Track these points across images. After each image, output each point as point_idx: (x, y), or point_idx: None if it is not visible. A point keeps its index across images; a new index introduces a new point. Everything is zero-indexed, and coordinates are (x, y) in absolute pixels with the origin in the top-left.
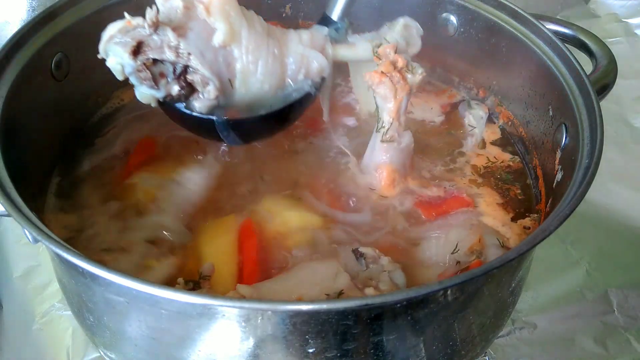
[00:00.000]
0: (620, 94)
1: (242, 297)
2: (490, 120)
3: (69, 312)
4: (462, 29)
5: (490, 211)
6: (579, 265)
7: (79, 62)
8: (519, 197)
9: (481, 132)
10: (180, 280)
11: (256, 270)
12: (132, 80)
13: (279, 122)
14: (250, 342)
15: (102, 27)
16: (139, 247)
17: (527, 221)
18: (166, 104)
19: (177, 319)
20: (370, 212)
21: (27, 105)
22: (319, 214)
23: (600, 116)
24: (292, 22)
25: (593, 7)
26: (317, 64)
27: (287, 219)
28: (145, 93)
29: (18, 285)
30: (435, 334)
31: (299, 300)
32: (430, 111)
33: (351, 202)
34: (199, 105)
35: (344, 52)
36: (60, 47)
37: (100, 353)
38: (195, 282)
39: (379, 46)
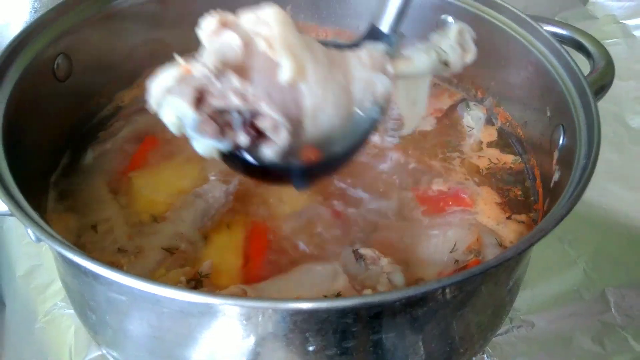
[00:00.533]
0: (617, 94)
1: (243, 294)
2: (488, 121)
3: (72, 311)
4: None
5: (488, 211)
6: (577, 264)
7: (81, 63)
8: (519, 198)
9: (479, 132)
10: (182, 278)
11: (262, 269)
12: (191, 133)
13: (349, 156)
14: (251, 340)
15: (103, 27)
16: (154, 253)
17: (523, 217)
18: (229, 154)
19: (178, 318)
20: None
21: (30, 106)
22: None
23: (598, 117)
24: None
25: (591, 8)
26: (383, 87)
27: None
28: (206, 145)
29: (21, 284)
30: (434, 332)
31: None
32: (424, 120)
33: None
34: (270, 152)
35: (403, 68)
36: (62, 49)
37: (102, 352)
38: (196, 281)
39: (439, 56)
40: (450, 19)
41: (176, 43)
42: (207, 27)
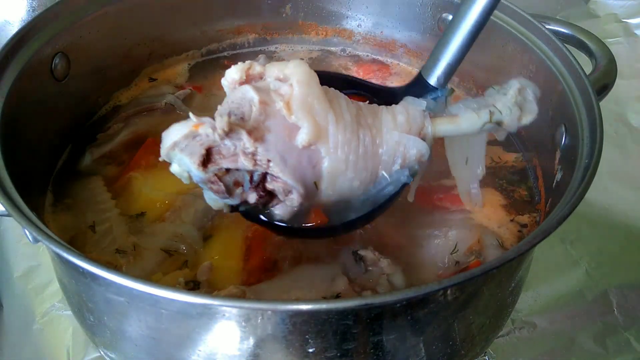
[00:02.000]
0: (619, 94)
1: (242, 295)
2: None
3: (69, 312)
4: None
5: (490, 212)
6: (579, 265)
7: (79, 62)
8: (521, 198)
9: None
10: (181, 280)
11: (261, 271)
12: (201, 185)
13: (368, 219)
14: (251, 342)
15: (101, 26)
16: (153, 254)
17: (524, 218)
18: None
19: (177, 319)
20: None
21: (28, 105)
22: None
23: (600, 116)
24: (292, 23)
25: (593, 7)
26: (416, 150)
27: None
28: (214, 199)
29: (18, 285)
30: (435, 334)
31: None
32: None
33: None
34: (280, 213)
35: (445, 127)
36: (60, 48)
37: (100, 353)
38: (195, 282)
39: (492, 115)
40: (450, 17)
41: (174, 42)
42: (230, 76)
